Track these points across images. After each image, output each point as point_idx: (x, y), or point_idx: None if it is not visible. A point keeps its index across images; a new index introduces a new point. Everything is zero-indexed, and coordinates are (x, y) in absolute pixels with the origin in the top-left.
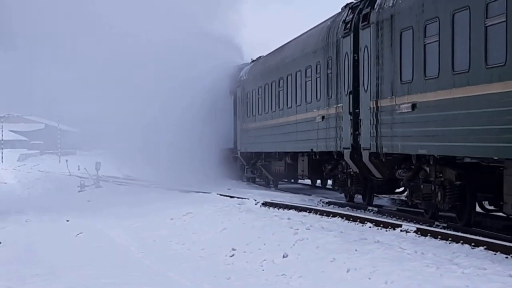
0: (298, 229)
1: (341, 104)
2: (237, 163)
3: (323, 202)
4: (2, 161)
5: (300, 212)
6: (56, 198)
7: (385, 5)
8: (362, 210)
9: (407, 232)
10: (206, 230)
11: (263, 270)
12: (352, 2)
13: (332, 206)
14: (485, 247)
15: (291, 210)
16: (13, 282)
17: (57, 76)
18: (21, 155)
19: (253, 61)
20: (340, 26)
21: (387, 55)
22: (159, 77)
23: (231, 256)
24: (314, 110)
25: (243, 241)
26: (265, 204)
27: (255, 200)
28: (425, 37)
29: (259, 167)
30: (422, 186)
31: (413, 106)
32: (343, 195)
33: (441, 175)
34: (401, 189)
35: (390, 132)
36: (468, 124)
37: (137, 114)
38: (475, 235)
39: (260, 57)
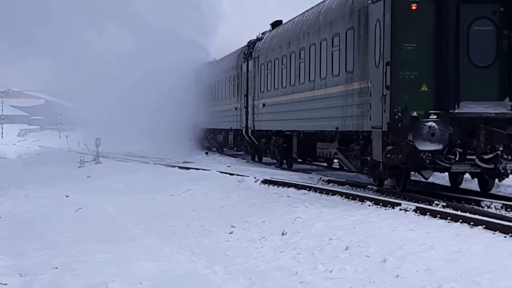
0: (297, 207)
1: (242, 101)
2: (199, 136)
3: (322, 180)
4: (2, 136)
5: (299, 190)
6: (56, 174)
7: (257, 48)
8: (362, 189)
9: (406, 210)
10: (205, 207)
11: (262, 247)
12: (251, 40)
13: (331, 184)
14: (484, 226)
15: (290, 188)
16: (13, 257)
17: (58, 54)
18: (21, 130)
19: (208, 63)
20: (242, 55)
21: (257, 76)
22: (147, 70)
23: (230, 233)
24: (232, 103)
25: (242, 218)
26: (264, 181)
27: (255, 178)
28: (267, 69)
29: (209, 138)
30: (271, 148)
31: (264, 104)
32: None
33: (278, 141)
34: None
35: (258, 118)
36: (281, 114)
37: (129, 98)
38: (474, 214)
39: (214, 59)
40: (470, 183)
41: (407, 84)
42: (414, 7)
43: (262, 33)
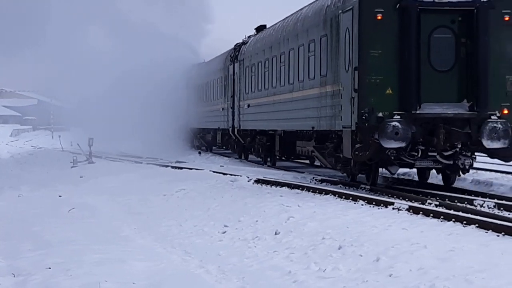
0: (290, 206)
1: (229, 102)
2: (190, 136)
3: (316, 179)
4: None
5: (292, 190)
6: (49, 174)
7: (242, 51)
8: (355, 188)
9: (399, 210)
10: (198, 207)
11: (255, 247)
12: (237, 43)
13: (324, 183)
14: (476, 225)
15: (283, 188)
16: (6, 257)
17: (50, 55)
18: (14, 130)
19: (198, 64)
20: (229, 57)
21: (242, 78)
22: (138, 70)
23: (223, 233)
24: (220, 104)
25: (236, 218)
26: (257, 181)
27: (248, 177)
28: (251, 72)
29: (199, 138)
30: (256, 146)
31: (248, 105)
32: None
33: (262, 140)
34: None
35: (243, 118)
36: (264, 114)
37: (121, 98)
38: (467, 213)
39: (204, 61)
40: (463, 182)
41: (373, 88)
42: (379, 17)
43: (248, 37)
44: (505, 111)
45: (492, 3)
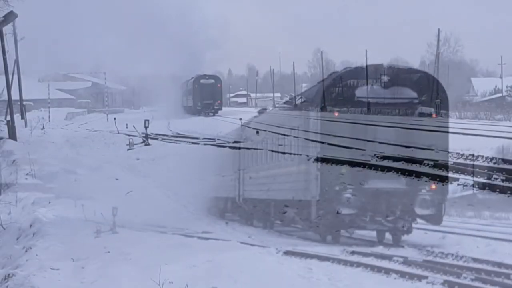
0: (320, 280)
1: (237, 174)
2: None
3: (346, 251)
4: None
5: (322, 262)
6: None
7: (244, 131)
8: (388, 260)
9: (433, 284)
10: (225, 279)
11: None
12: (243, 123)
13: (356, 255)
14: None
15: (313, 260)
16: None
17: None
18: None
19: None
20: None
21: (245, 154)
22: None
23: None
24: (230, 175)
25: None
26: (286, 253)
27: (277, 249)
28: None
29: (214, 205)
30: (257, 212)
31: (250, 177)
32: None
33: (261, 207)
34: None
35: (246, 188)
36: (261, 185)
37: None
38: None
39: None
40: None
41: (331, 168)
42: (336, 114)
43: (255, 117)
44: (433, 186)
45: (416, 105)
